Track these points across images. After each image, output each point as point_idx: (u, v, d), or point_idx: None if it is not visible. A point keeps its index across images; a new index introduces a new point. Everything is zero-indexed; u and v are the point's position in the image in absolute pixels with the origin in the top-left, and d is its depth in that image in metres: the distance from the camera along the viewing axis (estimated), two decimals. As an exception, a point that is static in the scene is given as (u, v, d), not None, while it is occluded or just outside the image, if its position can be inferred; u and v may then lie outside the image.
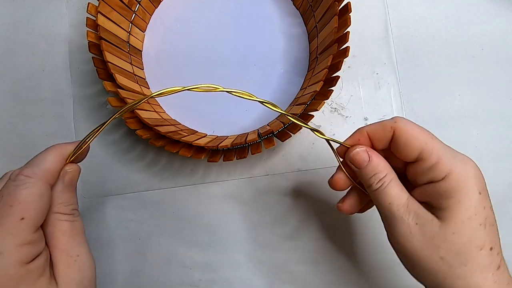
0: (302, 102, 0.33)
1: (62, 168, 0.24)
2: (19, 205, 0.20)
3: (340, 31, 0.32)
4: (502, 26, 0.38)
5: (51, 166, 0.23)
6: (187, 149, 0.32)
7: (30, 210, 0.21)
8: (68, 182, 0.24)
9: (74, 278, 0.23)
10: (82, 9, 0.38)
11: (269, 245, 0.36)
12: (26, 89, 0.38)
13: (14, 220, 0.20)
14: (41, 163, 0.23)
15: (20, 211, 0.20)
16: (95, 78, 0.34)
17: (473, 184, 0.22)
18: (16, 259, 0.20)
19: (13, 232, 0.20)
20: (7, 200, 0.21)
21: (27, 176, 0.22)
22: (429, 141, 0.23)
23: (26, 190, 0.21)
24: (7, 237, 0.20)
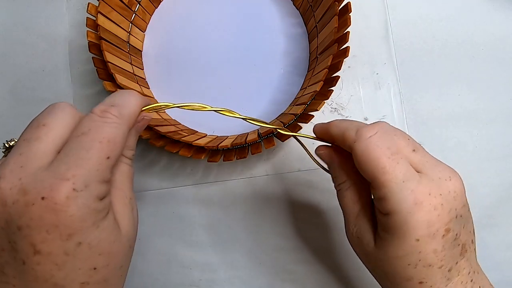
0: (302, 102, 0.33)
1: (139, 115, 0.24)
2: (108, 143, 0.20)
3: (340, 31, 0.32)
4: (502, 26, 0.38)
5: (135, 110, 0.23)
6: (187, 149, 0.32)
7: (115, 150, 0.21)
8: (139, 128, 0.25)
9: (129, 217, 0.23)
10: (82, 9, 0.38)
11: (269, 245, 0.36)
12: (26, 89, 0.38)
13: (102, 157, 0.20)
14: (125, 105, 0.22)
15: (108, 149, 0.20)
16: (95, 78, 0.34)
17: (410, 232, 0.21)
18: (97, 193, 0.20)
19: (99, 168, 0.20)
20: (96, 136, 0.20)
21: (115, 115, 0.21)
22: (380, 175, 0.22)
23: (114, 130, 0.21)
24: (94, 172, 0.20)
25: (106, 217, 0.21)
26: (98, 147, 0.20)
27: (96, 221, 0.20)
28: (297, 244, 0.36)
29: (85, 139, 0.20)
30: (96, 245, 0.20)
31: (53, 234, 0.19)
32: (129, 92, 0.24)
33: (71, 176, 0.19)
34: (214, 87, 0.37)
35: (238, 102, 0.37)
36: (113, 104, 0.22)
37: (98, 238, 0.20)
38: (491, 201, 0.37)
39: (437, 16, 0.38)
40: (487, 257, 0.36)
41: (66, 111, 0.22)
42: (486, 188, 0.37)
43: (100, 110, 0.22)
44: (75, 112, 0.22)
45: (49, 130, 0.21)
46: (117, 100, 0.23)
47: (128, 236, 0.23)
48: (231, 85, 0.37)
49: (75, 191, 0.19)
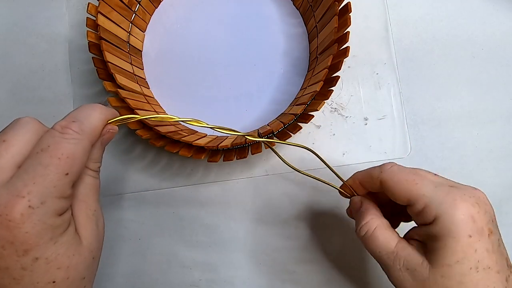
0: (302, 102, 0.33)
1: (104, 128, 0.24)
2: (67, 160, 0.20)
3: (340, 31, 0.32)
4: (502, 26, 0.38)
5: (97, 125, 0.23)
6: (187, 149, 0.32)
7: (74, 166, 0.21)
8: (104, 141, 0.25)
9: (92, 229, 0.23)
10: (82, 9, 0.38)
11: (269, 245, 0.36)
12: (26, 89, 0.38)
13: (60, 173, 0.20)
14: (87, 120, 0.23)
15: (66, 165, 0.20)
16: (95, 78, 0.34)
17: (460, 228, 0.22)
18: (54, 210, 0.20)
19: (56, 184, 0.20)
20: (55, 152, 0.20)
21: (75, 131, 0.22)
22: (414, 189, 0.24)
23: (73, 146, 0.21)
24: (51, 189, 0.20)
25: (65, 232, 0.21)
26: (56, 163, 0.20)
27: (54, 236, 0.20)
28: (297, 244, 0.36)
29: (43, 156, 0.20)
30: (54, 260, 0.20)
31: (9, 250, 0.19)
32: (92, 106, 0.24)
33: (26, 193, 0.19)
34: (214, 87, 0.37)
35: (238, 102, 0.37)
36: (74, 119, 0.22)
37: (56, 252, 0.21)
38: (491, 201, 0.37)
39: (437, 16, 0.38)
40: (487, 257, 0.36)
41: (28, 127, 0.22)
42: (486, 188, 0.37)
43: (61, 125, 0.22)
44: (38, 127, 0.22)
45: (8, 146, 0.21)
46: (79, 115, 0.23)
47: (90, 248, 0.23)
48: (231, 85, 0.37)
49: (30, 208, 0.19)
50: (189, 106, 0.37)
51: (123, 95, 0.30)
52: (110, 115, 0.24)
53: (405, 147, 0.37)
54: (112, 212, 0.37)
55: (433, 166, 0.37)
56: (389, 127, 0.37)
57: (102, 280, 0.36)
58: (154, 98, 0.37)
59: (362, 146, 0.37)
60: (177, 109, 0.37)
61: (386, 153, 0.37)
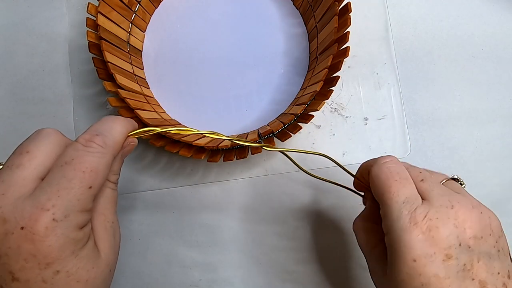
0: (302, 102, 0.33)
1: (125, 141, 0.24)
2: (91, 173, 0.21)
3: (340, 31, 0.32)
4: (502, 26, 0.38)
5: (120, 138, 0.23)
6: (187, 149, 0.32)
7: (97, 180, 0.21)
8: (125, 154, 0.25)
9: (110, 242, 0.23)
10: (82, 9, 0.38)
11: (269, 245, 0.36)
12: (26, 89, 0.38)
13: (84, 187, 0.20)
14: (110, 133, 0.23)
15: (90, 179, 0.21)
16: (95, 78, 0.34)
17: (407, 250, 0.21)
18: (76, 223, 0.20)
19: (80, 198, 0.20)
20: (79, 166, 0.20)
21: (99, 145, 0.22)
22: (386, 193, 0.23)
23: (97, 160, 0.21)
24: (74, 202, 0.20)
25: (85, 246, 0.21)
26: (80, 177, 0.20)
27: (75, 250, 0.20)
28: (297, 244, 0.36)
29: (67, 169, 0.20)
30: (74, 273, 0.20)
31: (31, 263, 0.19)
32: (114, 119, 0.24)
33: (51, 206, 0.19)
34: (214, 87, 0.37)
35: (238, 102, 0.37)
36: (97, 132, 0.22)
37: (77, 266, 0.21)
38: (491, 201, 0.37)
39: (437, 16, 0.38)
40: (487, 257, 0.36)
41: (51, 139, 0.22)
42: (486, 188, 0.37)
43: (85, 139, 0.22)
44: (60, 138, 0.22)
45: (32, 157, 0.21)
46: (101, 128, 0.23)
47: (107, 261, 0.23)
48: (231, 85, 0.37)
49: (54, 221, 0.19)
50: (189, 106, 0.37)
51: (123, 95, 0.30)
52: (130, 128, 0.25)
53: (405, 147, 0.37)
54: (112, 212, 0.37)
55: (433, 166, 0.37)
56: (389, 127, 0.37)
57: (102, 280, 0.36)
58: (154, 98, 0.37)
59: (362, 146, 0.37)
60: (177, 109, 0.37)
61: (386, 153, 0.37)
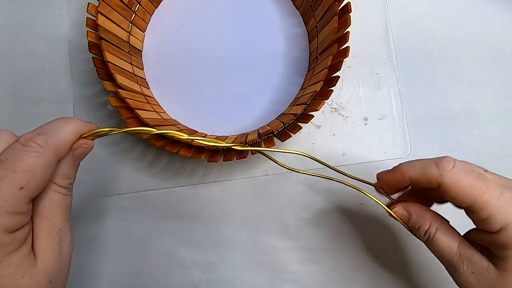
0: (302, 102, 0.33)
1: (76, 142, 0.23)
2: (23, 173, 0.20)
3: (340, 31, 0.32)
4: (502, 26, 0.38)
5: (66, 138, 0.22)
6: (187, 149, 0.32)
7: (32, 180, 0.20)
8: (76, 156, 0.23)
9: (53, 250, 0.22)
10: (82, 9, 0.38)
11: (269, 245, 0.36)
12: (26, 89, 0.38)
13: (13, 187, 0.19)
14: (55, 133, 0.22)
15: (22, 179, 0.19)
16: (95, 78, 0.34)
17: None
18: (3, 225, 0.19)
19: (8, 199, 0.19)
20: (12, 165, 0.20)
21: (39, 144, 0.21)
22: (478, 197, 0.22)
23: (33, 159, 0.20)
24: (1, 203, 0.19)
25: (15, 251, 0.20)
26: (10, 176, 0.19)
27: (0, 254, 0.19)
28: (297, 244, 0.36)
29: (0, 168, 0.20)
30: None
31: None
32: (65, 119, 0.23)
33: None
34: (214, 87, 0.37)
35: (238, 102, 0.37)
36: (41, 132, 0.21)
37: (1, 273, 0.19)
38: None
39: (437, 16, 0.38)
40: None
41: (0, 139, 0.21)
42: (486, 188, 0.37)
43: (25, 138, 0.21)
44: (10, 140, 0.22)
45: None
46: (48, 128, 0.22)
47: (46, 271, 0.21)
48: (231, 85, 0.37)
49: None
50: (189, 106, 0.37)
51: (123, 95, 0.30)
52: (84, 129, 0.23)
53: (405, 147, 0.37)
54: (112, 212, 0.37)
55: (433, 166, 0.37)
56: (389, 127, 0.37)
57: (102, 280, 0.36)
58: (154, 98, 0.37)
59: (362, 146, 0.37)
60: (177, 109, 0.37)
61: (386, 153, 0.37)
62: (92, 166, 0.37)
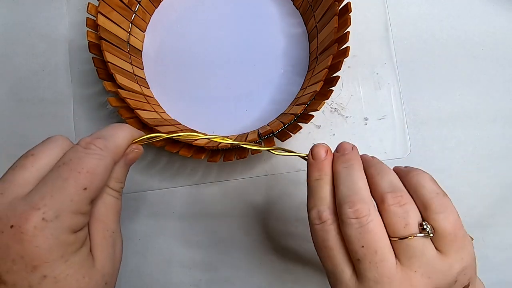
0: (302, 102, 0.33)
1: (129, 147, 0.24)
2: (87, 174, 0.20)
3: (340, 31, 0.32)
4: (502, 26, 0.38)
5: (122, 143, 0.23)
6: (187, 149, 0.32)
7: (94, 181, 0.21)
8: (129, 161, 0.24)
9: (108, 252, 0.23)
10: (82, 9, 0.38)
11: (269, 245, 0.36)
12: (26, 89, 0.38)
13: (78, 187, 0.20)
14: (112, 138, 0.23)
15: (86, 180, 0.20)
16: (95, 78, 0.34)
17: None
18: (68, 225, 0.20)
19: (73, 199, 0.20)
20: (75, 166, 0.20)
21: (99, 147, 0.21)
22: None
23: (96, 161, 0.21)
24: (67, 203, 0.19)
25: (78, 251, 0.20)
26: (75, 177, 0.20)
27: (65, 254, 0.20)
28: (297, 244, 0.36)
29: (64, 169, 0.20)
30: (62, 280, 0.20)
31: (19, 265, 0.19)
32: (119, 125, 0.24)
33: (42, 206, 0.19)
34: (214, 87, 0.37)
35: (238, 102, 0.37)
36: (99, 136, 0.22)
37: (65, 272, 0.20)
38: (491, 201, 0.37)
39: (437, 16, 0.38)
40: (487, 257, 0.36)
41: (58, 143, 0.22)
42: (486, 188, 0.37)
43: (85, 142, 0.22)
44: (68, 144, 0.22)
45: (35, 159, 0.21)
46: (104, 133, 0.23)
47: (103, 272, 0.22)
48: (231, 85, 0.37)
49: (44, 221, 0.19)
50: (189, 106, 0.37)
51: (123, 95, 0.30)
52: (136, 135, 0.24)
53: (405, 147, 0.37)
54: (112, 212, 0.37)
55: (433, 166, 0.37)
56: (389, 127, 0.37)
57: (102, 280, 0.36)
58: (154, 98, 0.37)
59: (362, 146, 0.37)
60: (177, 109, 0.37)
61: (386, 153, 0.37)
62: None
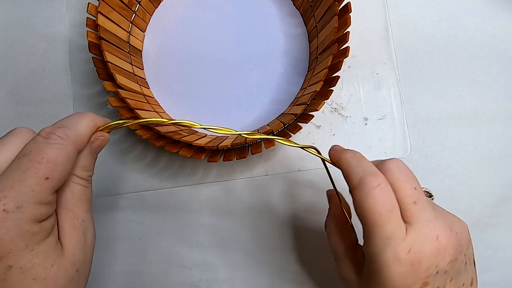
0: (302, 102, 0.33)
1: (93, 135, 0.24)
2: (47, 164, 0.20)
3: (340, 31, 0.32)
4: (502, 26, 0.38)
5: (84, 131, 0.23)
6: (187, 149, 0.32)
7: (56, 171, 0.21)
8: (94, 148, 0.24)
9: (78, 240, 0.23)
10: (82, 9, 0.38)
11: (269, 245, 0.36)
12: (26, 89, 0.38)
13: (39, 177, 0.20)
14: (74, 126, 0.22)
15: (46, 169, 0.20)
16: (95, 78, 0.34)
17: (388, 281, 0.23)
18: (32, 215, 0.20)
19: (35, 189, 0.20)
20: (36, 156, 0.20)
21: (60, 136, 0.21)
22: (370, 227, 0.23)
23: (56, 150, 0.21)
24: (28, 193, 0.19)
25: (43, 241, 0.21)
26: (35, 167, 0.20)
27: (30, 244, 0.20)
28: (297, 244, 0.36)
29: (24, 160, 0.20)
30: (29, 269, 0.20)
31: None
32: (82, 113, 0.24)
33: (2, 197, 0.19)
34: (214, 87, 0.37)
35: (238, 102, 0.37)
36: (60, 125, 0.22)
37: (31, 262, 0.20)
38: (491, 201, 0.37)
39: (437, 16, 0.38)
40: (487, 257, 0.36)
41: (20, 135, 0.22)
42: (486, 188, 0.37)
43: (46, 132, 0.22)
44: (30, 135, 0.22)
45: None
46: (66, 122, 0.23)
47: (73, 260, 0.22)
48: (231, 85, 0.37)
49: (5, 212, 0.19)
50: (189, 106, 0.37)
51: (123, 95, 0.30)
52: (100, 122, 0.24)
53: (405, 147, 0.37)
54: (112, 212, 0.37)
55: (433, 166, 0.37)
56: (389, 127, 0.37)
57: (103, 280, 0.36)
58: (154, 98, 0.37)
59: (362, 146, 0.37)
60: (177, 109, 0.37)
61: (386, 153, 0.37)
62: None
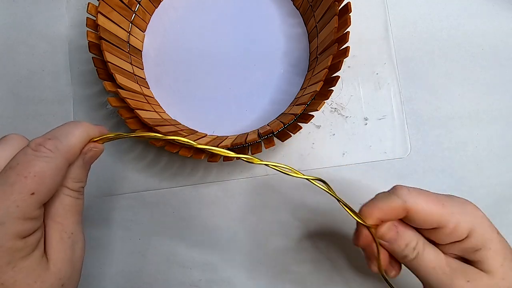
0: (302, 102, 0.33)
1: (86, 146, 0.23)
2: (34, 178, 0.19)
3: (340, 31, 0.32)
4: (502, 26, 0.38)
5: (76, 142, 0.22)
6: (187, 149, 0.32)
7: (43, 186, 0.20)
8: (87, 160, 0.24)
9: (65, 254, 0.22)
10: (82, 9, 0.38)
11: (269, 245, 0.36)
12: (26, 89, 0.38)
13: (24, 193, 0.19)
14: (66, 137, 0.22)
15: (33, 185, 0.19)
16: (95, 78, 0.34)
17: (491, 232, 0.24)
18: (15, 232, 0.19)
19: (19, 204, 0.19)
20: (22, 170, 0.19)
21: (49, 149, 0.21)
22: (443, 212, 0.23)
23: (44, 164, 0.20)
24: (13, 209, 0.19)
25: (28, 256, 0.20)
26: (21, 182, 0.19)
27: (12, 260, 0.19)
28: (297, 244, 0.36)
29: (10, 174, 0.20)
30: (11, 286, 0.19)
31: None
32: (75, 123, 0.23)
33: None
34: (214, 87, 0.37)
35: (238, 102, 0.37)
36: (51, 136, 0.21)
37: (14, 278, 0.19)
38: (491, 201, 0.37)
39: (437, 16, 0.38)
40: (487, 257, 0.36)
41: (11, 143, 0.21)
42: (486, 188, 0.37)
43: (35, 143, 0.21)
44: (22, 143, 0.22)
45: None
46: (58, 133, 0.22)
47: (58, 275, 0.21)
48: (231, 85, 0.37)
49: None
50: (189, 106, 0.37)
51: (123, 95, 0.30)
52: (94, 133, 0.23)
53: (405, 147, 0.37)
54: (112, 212, 0.37)
55: (433, 166, 0.37)
56: (389, 127, 0.37)
57: (102, 280, 0.36)
58: (154, 98, 0.37)
59: (362, 146, 0.37)
60: (177, 109, 0.37)
61: (386, 153, 0.37)
62: (92, 166, 0.37)
